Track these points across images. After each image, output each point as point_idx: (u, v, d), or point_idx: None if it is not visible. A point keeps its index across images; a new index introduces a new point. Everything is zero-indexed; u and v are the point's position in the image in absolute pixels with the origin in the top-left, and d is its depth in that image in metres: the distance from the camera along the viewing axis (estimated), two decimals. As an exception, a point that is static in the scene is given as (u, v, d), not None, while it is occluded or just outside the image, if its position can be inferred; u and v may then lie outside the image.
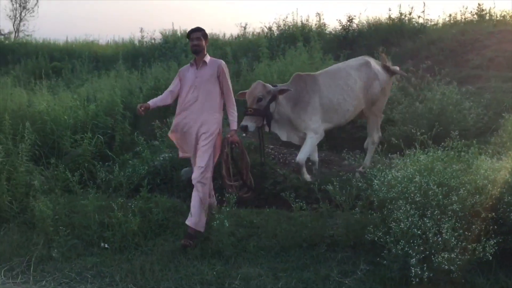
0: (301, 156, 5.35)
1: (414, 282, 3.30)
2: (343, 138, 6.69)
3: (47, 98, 7.45)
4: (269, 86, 5.28)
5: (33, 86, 8.58)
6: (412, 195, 3.67)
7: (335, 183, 4.31)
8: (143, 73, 10.65)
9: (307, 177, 5.42)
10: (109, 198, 5.12)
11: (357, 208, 4.17)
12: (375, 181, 4.05)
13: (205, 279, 3.89)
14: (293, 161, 6.14)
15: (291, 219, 4.73)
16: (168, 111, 7.78)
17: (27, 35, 20.35)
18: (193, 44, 4.76)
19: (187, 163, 5.65)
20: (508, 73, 7.76)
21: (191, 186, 5.72)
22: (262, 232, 4.63)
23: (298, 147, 6.66)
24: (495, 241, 3.31)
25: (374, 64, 5.88)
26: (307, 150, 5.40)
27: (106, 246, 4.48)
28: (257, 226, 4.73)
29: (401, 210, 3.58)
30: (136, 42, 16.52)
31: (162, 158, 6.07)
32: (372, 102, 5.72)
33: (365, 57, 5.98)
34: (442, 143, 4.51)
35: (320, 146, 6.60)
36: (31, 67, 14.15)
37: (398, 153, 4.34)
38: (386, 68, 5.92)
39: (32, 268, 4.22)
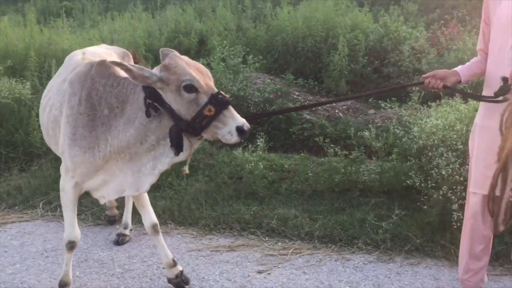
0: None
1: (454, 227, 3.36)
2: (368, 87, 6.63)
3: (68, 37, 7.32)
4: None
5: (53, 24, 8.41)
6: (454, 142, 3.67)
7: (372, 130, 4.32)
8: (155, 16, 10.43)
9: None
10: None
11: (393, 155, 4.18)
12: (414, 128, 4.05)
13: (243, 218, 3.97)
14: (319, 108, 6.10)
15: (322, 164, 4.75)
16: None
17: (34, -27, 19.71)
18: None
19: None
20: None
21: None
22: (293, 176, 4.66)
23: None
24: (538, 189, 3.35)
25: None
26: None
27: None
28: (288, 170, 4.75)
29: (442, 157, 3.59)
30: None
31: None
32: None
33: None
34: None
35: (346, 94, 6.56)
36: (40, 6, 13.88)
37: (436, 101, 4.30)
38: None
39: (69, 202, 4.30)
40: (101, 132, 2.62)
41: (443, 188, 3.45)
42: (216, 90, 2.43)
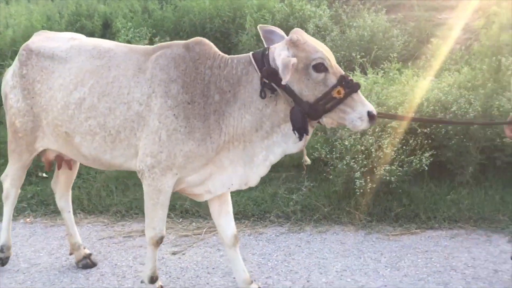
0: None
1: (358, 193, 3.56)
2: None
3: (-45, 23, 6.73)
4: None
5: None
6: (354, 114, 3.85)
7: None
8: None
9: None
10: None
11: (300, 129, 4.31)
12: (319, 102, 4.19)
13: (155, 202, 3.91)
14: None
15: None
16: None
17: None
18: None
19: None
20: (430, 1, 8.11)
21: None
22: (206, 157, 4.67)
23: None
24: (430, 153, 3.63)
25: None
26: None
27: (44, 175, 4.32)
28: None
29: (345, 129, 3.76)
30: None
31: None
32: None
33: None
34: (376, 67, 4.75)
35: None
36: None
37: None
38: None
39: (-34, 200, 4.00)
40: (213, 121, 2.33)
41: (346, 158, 3.63)
42: (343, 72, 2.25)
